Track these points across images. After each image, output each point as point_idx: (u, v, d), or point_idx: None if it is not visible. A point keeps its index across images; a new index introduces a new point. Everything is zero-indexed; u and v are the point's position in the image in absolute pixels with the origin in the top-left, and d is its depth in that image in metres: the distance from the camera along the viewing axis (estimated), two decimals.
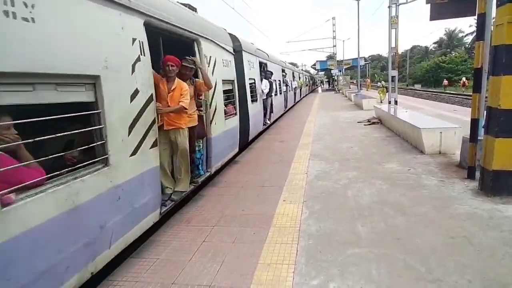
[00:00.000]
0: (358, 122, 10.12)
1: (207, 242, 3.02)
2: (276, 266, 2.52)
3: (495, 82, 3.53)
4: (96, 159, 2.40)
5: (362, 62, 31.50)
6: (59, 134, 2.08)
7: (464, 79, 31.96)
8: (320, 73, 58.58)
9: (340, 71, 33.93)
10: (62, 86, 2.09)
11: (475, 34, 4.38)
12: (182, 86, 3.58)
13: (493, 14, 3.87)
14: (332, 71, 35.23)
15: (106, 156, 2.44)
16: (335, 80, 36.36)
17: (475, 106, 4.13)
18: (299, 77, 23.62)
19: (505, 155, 3.50)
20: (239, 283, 2.35)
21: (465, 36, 50.80)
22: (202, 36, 4.50)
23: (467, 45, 48.58)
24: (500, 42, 3.43)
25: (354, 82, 37.03)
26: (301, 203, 3.78)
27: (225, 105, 5.46)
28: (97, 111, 2.38)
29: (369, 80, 36.85)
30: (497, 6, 3.51)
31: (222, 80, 5.25)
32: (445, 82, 34.58)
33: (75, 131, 2.28)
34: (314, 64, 41.45)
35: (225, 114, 5.35)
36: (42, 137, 1.96)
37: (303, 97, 26.48)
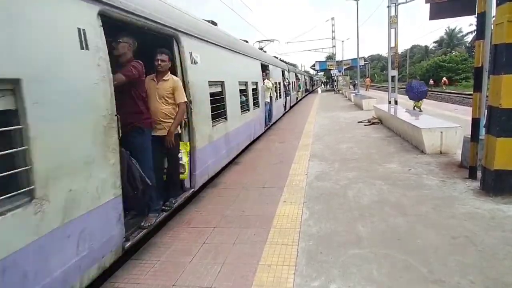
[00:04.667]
0: (358, 122, 10.11)
1: (208, 244, 3.01)
2: (276, 267, 2.51)
3: (495, 81, 3.52)
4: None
5: (361, 62, 31.50)
6: None
7: (444, 78, 34.20)
8: (319, 73, 58.59)
9: (340, 72, 33.91)
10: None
11: (475, 33, 4.38)
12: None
13: (493, 13, 3.87)
14: (331, 72, 35.21)
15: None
16: (335, 81, 36.33)
17: (476, 106, 4.12)
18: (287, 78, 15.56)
19: (507, 155, 3.49)
20: (239, 284, 2.34)
21: (466, 35, 50.83)
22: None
23: (467, 44, 48.54)
24: (500, 41, 3.42)
25: (355, 82, 37.02)
26: (302, 204, 3.77)
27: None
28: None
29: (368, 80, 36.79)
30: (497, 5, 3.50)
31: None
32: (444, 80, 34.29)
33: None
34: (314, 65, 41.42)
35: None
36: None
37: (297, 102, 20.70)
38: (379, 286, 2.18)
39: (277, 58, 15.11)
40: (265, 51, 13.67)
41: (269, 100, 9.67)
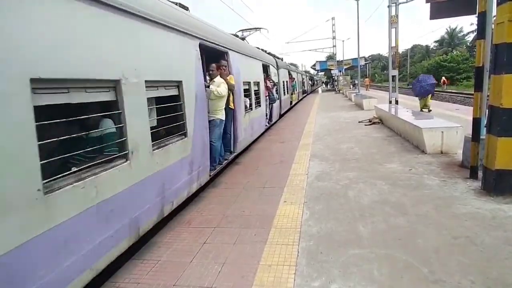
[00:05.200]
0: (359, 122, 10.10)
1: (208, 244, 3.01)
2: (277, 268, 2.51)
3: (496, 81, 3.52)
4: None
5: (362, 62, 31.46)
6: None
7: (444, 78, 34.14)
8: (320, 73, 58.56)
9: (340, 71, 33.89)
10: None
11: (476, 32, 4.37)
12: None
13: (494, 12, 3.86)
14: (332, 71, 35.18)
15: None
16: (335, 81, 36.30)
17: (477, 105, 4.11)
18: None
19: (508, 155, 3.48)
20: (240, 284, 2.34)
21: (467, 34, 50.71)
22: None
23: (468, 44, 48.45)
24: (501, 40, 3.41)
25: (355, 82, 36.94)
26: (302, 204, 3.77)
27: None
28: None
29: (368, 80, 36.69)
30: (498, 4, 3.49)
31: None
32: (444, 79, 34.07)
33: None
34: (314, 65, 41.39)
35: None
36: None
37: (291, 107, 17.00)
38: (379, 286, 2.18)
39: (261, 50, 10.52)
40: (266, 51, 11.41)
41: (221, 118, 4.99)
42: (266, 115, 9.43)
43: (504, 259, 2.38)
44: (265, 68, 9.73)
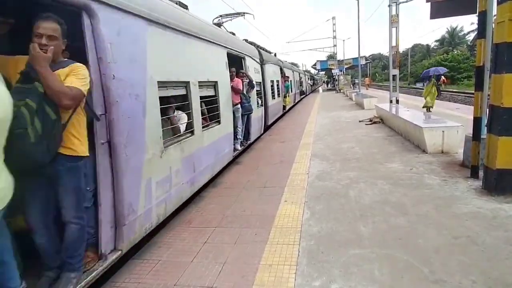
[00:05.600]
0: (360, 121, 10.09)
1: (209, 243, 3.01)
2: (277, 267, 2.51)
3: (497, 80, 3.51)
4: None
5: (363, 62, 31.42)
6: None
7: (443, 77, 34.04)
8: (320, 73, 58.55)
9: (341, 71, 33.85)
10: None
11: (476, 32, 4.36)
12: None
13: (494, 11, 3.85)
14: (332, 71, 35.15)
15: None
16: (336, 80, 36.26)
17: (478, 105, 4.11)
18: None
19: (509, 154, 3.47)
20: (240, 284, 2.34)
21: (467, 34, 50.62)
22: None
23: (469, 43, 48.36)
24: (501, 40, 3.40)
25: (355, 81, 36.87)
26: (303, 203, 3.77)
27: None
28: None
29: (368, 79, 36.60)
30: (498, 3, 3.48)
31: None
32: (443, 79, 34.14)
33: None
34: (315, 64, 41.36)
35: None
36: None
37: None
38: (380, 286, 2.18)
39: (232, 34, 7.54)
40: (248, 40, 9.29)
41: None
42: (236, 135, 6.24)
43: (505, 259, 2.38)
44: (236, 60, 6.74)
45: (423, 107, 10.85)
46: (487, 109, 3.87)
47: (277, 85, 11.44)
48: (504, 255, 2.42)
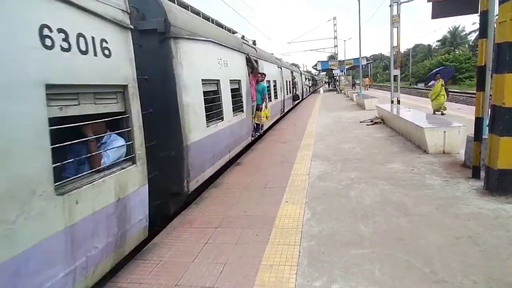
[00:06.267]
0: (361, 122, 10.08)
1: (210, 244, 3.02)
2: (278, 268, 2.51)
3: (499, 80, 3.50)
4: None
5: (364, 62, 31.38)
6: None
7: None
8: (321, 73, 58.52)
9: (342, 71, 33.81)
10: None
11: (478, 31, 4.35)
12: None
13: (496, 11, 3.84)
14: (333, 71, 35.11)
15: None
16: (337, 80, 36.21)
17: (479, 105, 4.10)
18: None
19: (511, 154, 3.46)
20: (242, 284, 2.35)
21: (469, 33, 50.50)
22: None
23: (471, 43, 48.23)
24: (503, 39, 3.40)
25: (355, 81, 36.82)
26: (304, 204, 3.77)
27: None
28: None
29: (367, 80, 36.52)
30: (500, 3, 3.48)
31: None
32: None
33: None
34: (316, 65, 41.33)
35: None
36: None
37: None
38: (381, 286, 2.18)
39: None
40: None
41: None
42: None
43: (506, 259, 2.37)
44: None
45: (436, 110, 10.04)
46: (489, 109, 3.86)
47: (238, 94, 6.43)
48: (505, 255, 2.41)
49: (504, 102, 3.41)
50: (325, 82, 62.61)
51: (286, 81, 14.37)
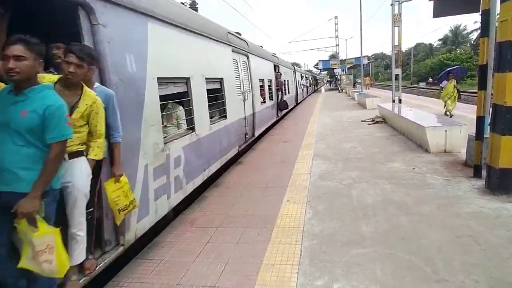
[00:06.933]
0: (362, 121, 10.07)
1: (211, 243, 3.02)
2: (280, 267, 2.51)
3: (500, 79, 3.49)
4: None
5: (365, 61, 31.32)
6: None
7: (430, 79, 36.94)
8: (323, 72, 58.45)
9: (343, 71, 33.76)
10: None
11: (480, 30, 4.33)
12: None
13: (498, 10, 3.83)
14: (335, 71, 35.06)
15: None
16: (338, 80, 36.15)
17: (481, 104, 4.09)
18: None
19: None
20: (243, 283, 2.35)
21: (471, 32, 50.32)
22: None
23: (472, 42, 48.05)
24: (505, 38, 3.39)
25: (358, 80, 36.75)
26: (305, 203, 3.77)
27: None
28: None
29: (368, 79, 36.45)
30: (501, 2, 3.47)
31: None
32: (430, 80, 34.88)
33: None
34: (317, 64, 41.28)
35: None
36: None
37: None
38: (382, 285, 2.18)
39: None
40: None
41: None
42: None
43: (508, 258, 2.37)
44: None
45: (446, 111, 9.62)
46: (490, 108, 3.85)
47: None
48: (506, 255, 2.41)
49: (506, 101, 3.41)
50: (327, 81, 62.60)
51: (264, 81, 9.26)
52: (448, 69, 10.36)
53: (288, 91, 14.35)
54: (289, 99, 14.17)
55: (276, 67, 11.65)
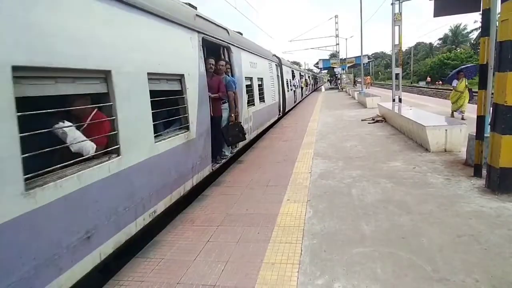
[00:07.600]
0: (362, 120, 10.07)
1: (212, 242, 3.02)
2: (280, 266, 2.51)
3: (501, 79, 3.49)
4: None
5: (365, 60, 31.29)
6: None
7: (428, 78, 37.88)
8: (323, 71, 58.45)
9: (343, 70, 33.73)
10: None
11: (480, 30, 4.32)
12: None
13: (498, 9, 3.82)
14: (335, 70, 35.04)
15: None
16: (339, 79, 36.13)
17: (481, 103, 4.08)
18: None
19: None
20: (243, 282, 2.35)
21: (471, 32, 50.31)
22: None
23: (472, 41, 48.02)
24: (505, 38, 3.38)
25: (358, 80, 36.76)
26: (305, 202, 3.77)
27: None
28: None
29: (368, 78, 36.43)
30: (502, 1, 3.46)
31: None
32: (428, 79, 35.12)
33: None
34: (317, 63, 41.24)
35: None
36: None
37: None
38: (383, 284, 2.18)
39: None
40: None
41: None
42: None
43: (509, 257, 2.37)
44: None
45: (461, 112, 9.03)
46: (491, 108, 3.85)
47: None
48: (507, 254, 2.41)
49: (506, 101, 3.40)
50: (327, 80, 62.61)
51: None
52: (460, 67, 10.12)
53: (262, 99, 8.70)
54: (267, 112, 9.25)
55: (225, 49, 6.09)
